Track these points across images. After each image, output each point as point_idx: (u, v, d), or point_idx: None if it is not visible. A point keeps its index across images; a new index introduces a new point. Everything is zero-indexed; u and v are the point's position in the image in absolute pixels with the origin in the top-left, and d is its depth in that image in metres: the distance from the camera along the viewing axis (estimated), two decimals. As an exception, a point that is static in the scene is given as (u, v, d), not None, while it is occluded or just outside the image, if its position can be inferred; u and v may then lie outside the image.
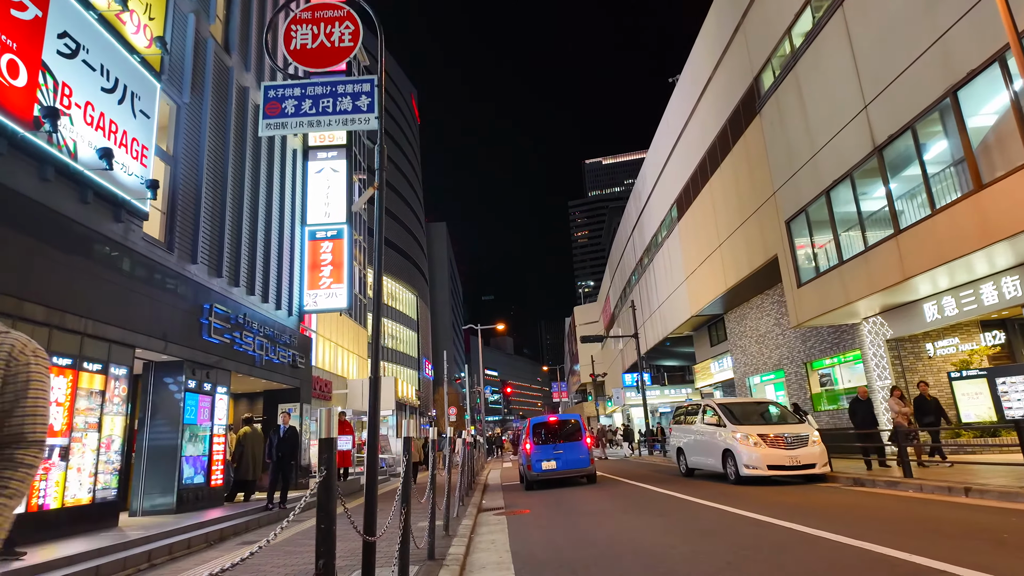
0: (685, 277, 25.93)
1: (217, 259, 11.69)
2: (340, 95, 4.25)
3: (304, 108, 4.23)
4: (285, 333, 14.26)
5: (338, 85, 4.27)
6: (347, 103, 4.24)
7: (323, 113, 4.24)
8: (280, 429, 10.84)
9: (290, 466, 10.83)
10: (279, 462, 10.69)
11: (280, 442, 10.79)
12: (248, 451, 11.59)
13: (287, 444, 10.83)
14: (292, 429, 11.03)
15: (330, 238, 16.37)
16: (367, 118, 4.28)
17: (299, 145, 16.66)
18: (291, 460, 10.83)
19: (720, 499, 9.22)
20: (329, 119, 4.24)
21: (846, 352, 17.32)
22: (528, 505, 10.55)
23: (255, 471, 11.57)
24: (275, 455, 10.69)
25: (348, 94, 4.26)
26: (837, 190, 14.19)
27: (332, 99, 4.24)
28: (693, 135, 23.93)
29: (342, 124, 4.26)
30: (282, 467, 10.74)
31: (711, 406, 12.96)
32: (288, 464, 10.79)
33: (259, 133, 4.26)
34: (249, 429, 11.95)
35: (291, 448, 10.86)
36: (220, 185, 12.03)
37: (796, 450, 11.15)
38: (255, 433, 11.86)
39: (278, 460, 10.67)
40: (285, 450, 10.78)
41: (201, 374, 10.54)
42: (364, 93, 4.28)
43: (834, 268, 14.40)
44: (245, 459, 11.55)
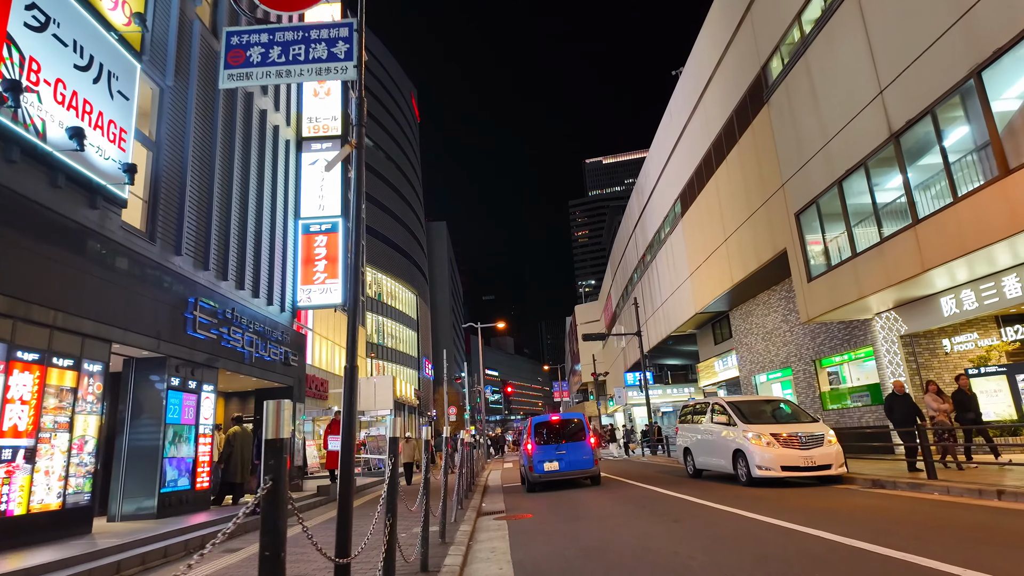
0: (689, 273, 25.40)
1: (204, 251, 11.16)
2: (313, 41, 3.70)
3: (272, 56, 3.69)
4: (277, 329, 13.73)
5: (311, 30, 3.71)
6: (322, 50, 3.70)
7: (294, 62, 3.69)
8: None
9: None
10: None
11: None
12: (237, 452, 11.06)
13: None
14: None
15: (324, 232, 15.84)
16: (345, 67, 3.76)
17: (292, 136, 16.13)
18: None
19: (734, 502, 8.68)
20: (301, 68, 3.70)
21: (857, 349, 16.79)
22: (530, 509, 10.02)
23: (243, 473, 11.04)
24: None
25: (323, 40, 3.71)
26: (850, 180, 13.65)
27: (304, 45, 3.69)
28: (698, 128, 23.40)
29: (316, 74, 3.72)
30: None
31: (720, 404, 12.43)
32: None
33: (220, 85, 3.73)
34: (238, 429, 11.42)
35: None
36: (207, 174, 11.50)
37: (811, 450, 10.62)
38: (244, 433, 11.33)
39: (267, 462, 10.13)
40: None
41: (186, 371, 10.01)
42: (341, 39, 3.75)
43: (847, 261, 13.86)
44: (233, 460, 11.02)
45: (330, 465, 14.70)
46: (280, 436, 2.09)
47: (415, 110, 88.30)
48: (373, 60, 67.90)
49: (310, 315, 25.54)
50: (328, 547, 4.06)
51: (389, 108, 70.11)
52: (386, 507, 3.75)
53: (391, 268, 60.06)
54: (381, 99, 67.56)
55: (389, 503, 3.80)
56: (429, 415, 52.78)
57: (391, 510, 3.81)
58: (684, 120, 25.02)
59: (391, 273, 59.41)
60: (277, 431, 2.09)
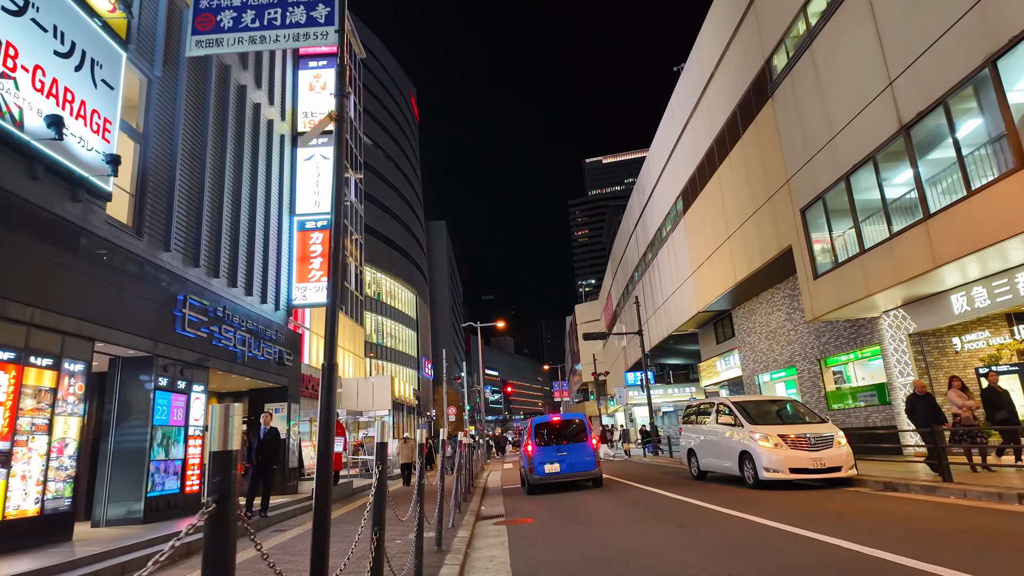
0: (691, 272, 25.07)
1: (194, 247, 10.83)
2: (291, 4, 3.38)
3: (245, 21, 3.35)
4: (271, 328, 13.41)
5: (288, -10, 3.41)
6: (300, 14, 3.36)
7: (269, 27, 3.36)
8: (261, 430, 10.00)
9: (272, 471, 9.99)
10: (259, 466, 9.85)
11: (260, 445, 9.95)
12: None
13: (268, 447, 9.99)
14: (274, 431, 10.19)
15: (320, 229, 15.52)
16: (325, 32, 3.44)
17: (287, 131, 15.81)
18: (272, 464, 9.98)
19: (741, 506, 8.36)
20: (277, 34, 3.37)
21: (863, 348, 16.47)
22: (531, 512, 9.70)
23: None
24: (255, 459, 9.85)
25: (301, 3, 3.39)
26: (858, 175, 13.32)
27: (281, 9, 3.36)
28: (700, 123, 23.07)
29: (293, 40, 3.39)
30: (263, 472, 9.90)
31: (726, 404, 12.11)
32: (269, 469, 9.95)
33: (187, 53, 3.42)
34: None
35: (272, 451, 10.02)
36: (198, 168, 11.17)
37: (820, 452, 10.30)
38: None
39: (258, 464, 9.83)
40: (266, 454, 9.94)
41: (174, 371, 9.69)
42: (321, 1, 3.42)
43: (854, 258, 13.54)
44: None
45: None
46: (228, 448, 1.73)
47: (414, 109, 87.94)
48: (372, 59, 67.55)
49: (307, 314, 25.22)
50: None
51: (388, 107, 69.76)
52: (372, 520, 3.42)
53: (390, 267, 59.73)
54: (380, 98, 67.23)
55: (376, 515, 3.47)
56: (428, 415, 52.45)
57: (378, 523, 3.48)
58: (686, 116, 24.69)
59: (390, 272, 59.08)
60: (224, 442, 1.72)
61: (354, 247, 36.68)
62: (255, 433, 9.99)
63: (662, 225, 29.67)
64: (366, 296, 50.74)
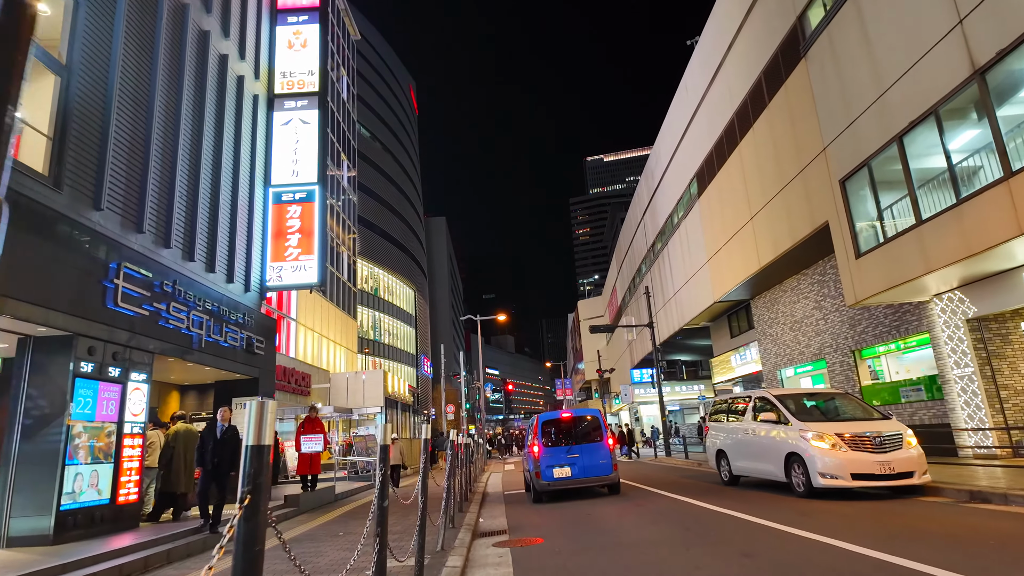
0: (707, 259, 23.30)
1: (136, 209, 9.08)
2: None
3: None
4: (238, 311, 11.65)
5: None
6: None
7: None
8: (218, 428, 8.26)
9: (227, 475, 8.24)
10: (215, 470, 8.11)
11: (217, 445, 8.20)
12: (180, 455, 9.01)
13: (226, 448, 8.25)
14: (233, 429, 8.45)
15: (298, 201, 13.78)
16: None
17: (262, 91, 14.05)
18: (229, 468, 8.24)
19: (811, 525, 6.60)
20: None
21: (907, 336, 14.70)
22: (539, 528, 7.94)
23: (188, 481, 8.98)
24: (210, 461, 8.11)
25: None
26: (914, 134, 11.55)
27: None
28: (718, 97, 21.29)
29: None
30: (217, 476, 8.15)
31: (767, 398, 10.34)
32: (225, 473, 8.21)
33: None
34: (182, 427, 9.36)
35: (231, 453, 8.27)
36: (142, 117, 9.42)
37: (888, 454, 8.53)
38: (189, 433, 9.26)
39: (214, 468, 8.09)
40: (223, 455, 8.20)
41: (104, 354, 7.93)
42: None
43: (909, 230, 11.76)
44: (175, 466, 8.96)
45: (302, 470, 12.61)
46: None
47: (413, 103, 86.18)
48: (369, 48, 65.87)
49: (293, 304, 23.52)
50: None
51: (386, 98, 68.00)
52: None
53: (388, 262, 57.97)
54: (377, 88, 65.50)
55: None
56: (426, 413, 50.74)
57: None
58: (701, 92, 22.91)
59: (388, 267, 57.32)
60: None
61: (345, 233, 34.87)
62: (210, 431, 8.25)
63: (673, 211, 27.90)
64: (362, 291, 48.99)
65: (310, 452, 12.58)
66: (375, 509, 3.37)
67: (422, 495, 4.97)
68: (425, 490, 5.03)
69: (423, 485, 4.99)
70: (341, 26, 38.43)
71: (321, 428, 12.96)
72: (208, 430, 8.34)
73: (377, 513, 3.35)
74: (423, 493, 4.95)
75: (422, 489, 4.98)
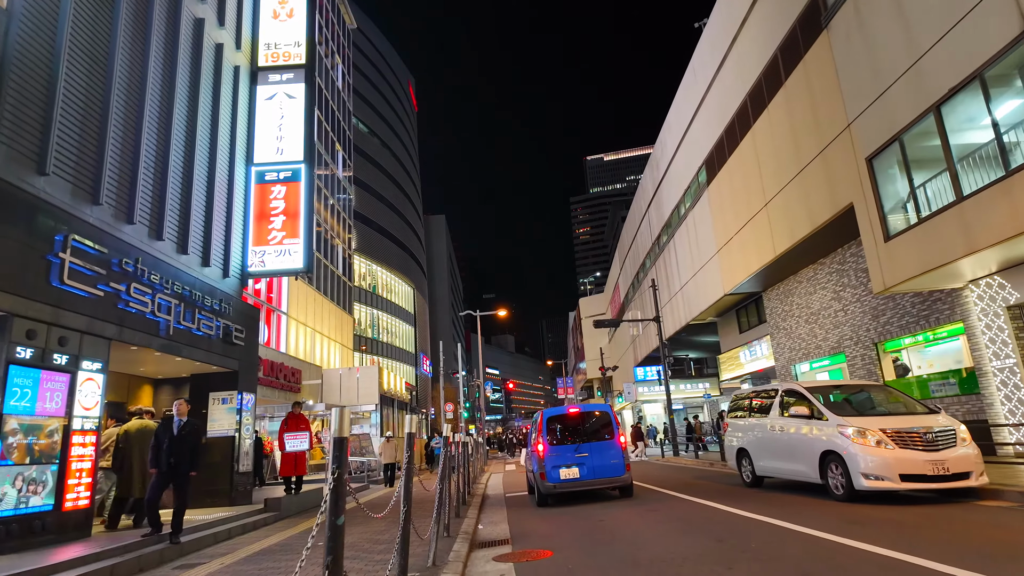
0: (716, 250, 22.28)
1: (91, 178, 8.08)
2: None
3: None
4: (214, 297, 10.65)
5: None
6: None
7: None
8: (174, 424, 7.26)
9: (187, 477, 7.24)
10: (171, 471, 7.11)
11: (174, 443, 7.20)
12: (135, 456, 8.01)
13: (185, 445, 7.25)
14: (192, 425, 7.45)
15: (283, 181, 12.78)
16: None
17: (244, 63, 13.04)
18: (189, 469, 7.24)
19: (863, 534, 5.59)
20: None
21: (937, 327, 13.69)
22: (547, 537, 6.94)
23: (142, 484, 7.98)
24: (165, 462, 7.11)
25: None
26: (954, 102, 10.55)
27: None
28: (729, 78, 20.29)
29: None
30: (175, 479, 7.15)
31: (799, 391, 9.33)
32: (184, 474, 7.21)
33: None
34: (137, 425, 8.35)
35: (190, 451, 7.27)
36: (100, 77, 8.42)
37: (941, 452, 7.53)
38: (145, 431, 8.25)
39: (170, 469, 7.09)
40: (182, 454, 7.19)
41: (47, 339, 6.93)
42: None
43: (948, 208, 10.75)
44: (128, 467, 7.97)
45: (286, 471, 11.61)
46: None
47: (413, 99, 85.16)
48: (368, 44, 64.92)
49: (284, 296, 22.50)
50: None
51: (384, 94, 66.99)
52: None
53: (387, 259, 56.95)
54: (376, 84, 64.53)
55: None
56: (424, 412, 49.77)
57: None
58: (710, 75, 21.90)
59: (387, 264, 56.31)
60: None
61: (340, 226, 33.83)
62: (164, 427, 7.25)
63: (680, 202, 26.89)
64: (360, 288, 48.01)
65: (295, 451, 11.58)
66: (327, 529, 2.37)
67: (404, 502, 3.96)
68: (409, 496, 4.03)
69: (406, 490, 3.98)
70: (336, 12, 37.43)
71: (306, 425, 11.95)
72: (163, 427, 7.34)
73: (328, 534, 2.35)
74: (406, 500, 3.95)
75: (404, 495, 3.98)
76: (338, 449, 2.47)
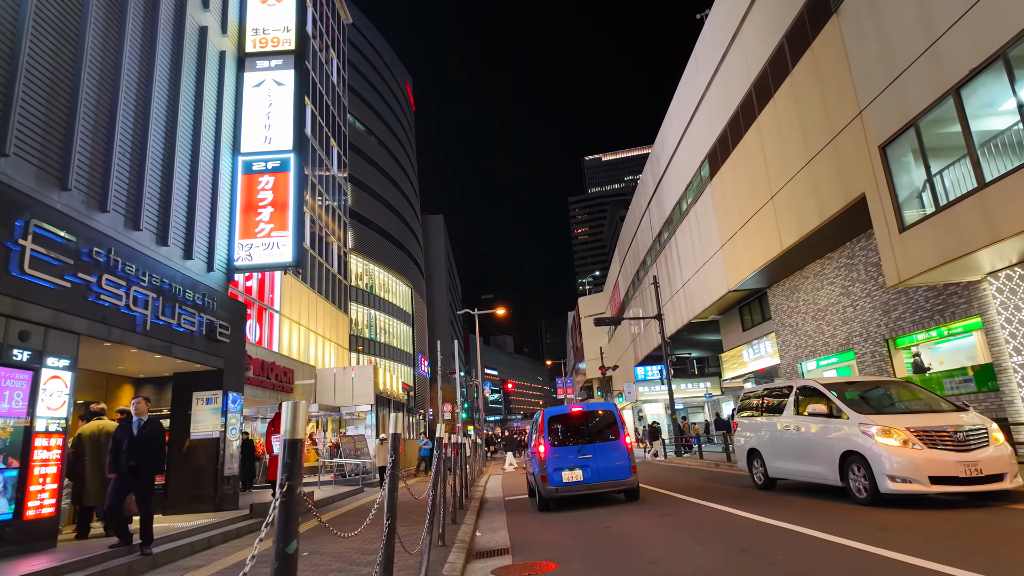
0: (720, 245, 21.77)
1: (59, 161, 7.53)
2: None
3: None
4: (196, 291, 10.09)
5: None
6: None
7: None
8: (134, 424, 6.70)
9: (151, 481, 6.69)
10: (132, 475, 6.56)
11: (134, 444, 6.64)
12: (91, 460, 7.44)
13: (148, 446, 6.69)
14: (154, 423, 6.90)
15: (271, 171, 12.23)
16: None
17: (230, 48, 12.49)
18: (154, 471, 6.69)
19: (900, 544, 5.07)
20: None
21: (952, 322, 13.17)
22: (550, 547, 6.40)
23: (97, 491, 7.42)
24: (125, 464, 6.56)
25: None
26: (975, 85, 10.04)
27: None
28: (733, 69, 19.78)
29: None
30: (139, 483, 6.60)
31: (816, 388, 8.81)
32: (148, 478, 6.66)
33: None
34: (94, 428, 7.77)
35: (154, 452, 6.73)
36: (70, 52, 7.88)
37: (973, 453, 7.01)
38: (101, 433, 7.69)
39: (131, 472, 6.54)
40: (145, 455, 6.64)
41: (5, 333, 6.38)
42: None
43: (969, 195, 10.24)
44: (82, 472, 7.40)
45: (273, 474, 11.04)
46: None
47: (410, 98, 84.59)
48: (365, 43, 64.38)
49: (277, 294, 21.92)
50: None
51: (381, 92, 66.44)
52: None
53: (384, 259, 56.39)
54: (373, 82, 63.96)
55: None
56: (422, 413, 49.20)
57: None
58: (713, 66, 21.39)
59: (384, 264, 55.73)
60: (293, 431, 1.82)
61: (335, 223, 33.25)
62: (123, 427, 6.70)
63: (682, 197, 26.38)
64: (357, 288, 47.45)
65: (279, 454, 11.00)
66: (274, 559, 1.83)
67: (388, 513, 3.42)
68: (393, 506, 3.49)
69: (390, 499, 3.44)
70: (331, 6, 36.86)
71: (295, 426, 11.36)
72: (121, 427, 6.78)
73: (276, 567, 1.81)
74: (389, 510, 3.41)
75: (388, 505, 3.44)
76: (290, 455, 1.94)
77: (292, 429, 1.93)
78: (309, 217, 27.47)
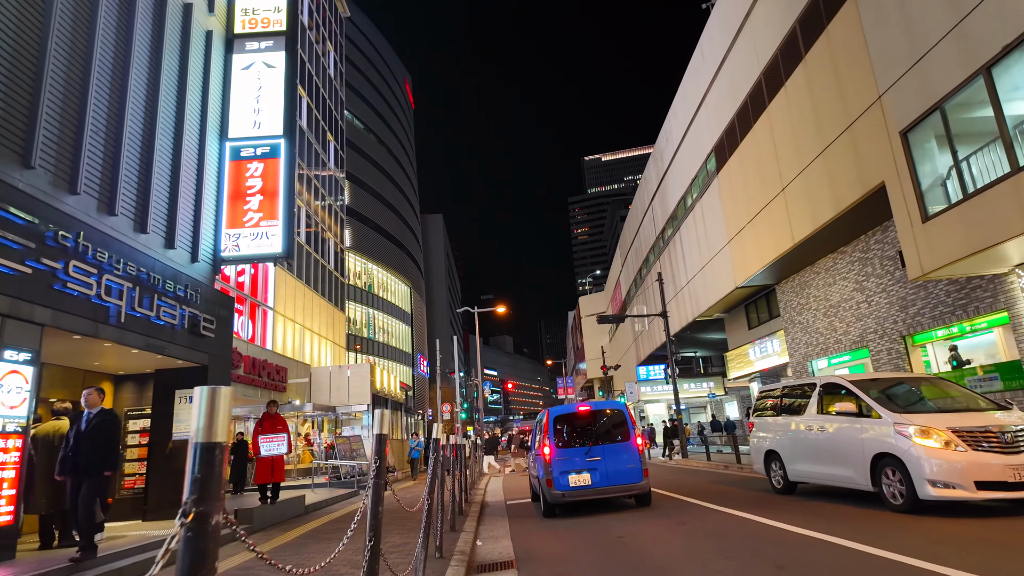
0: (727, 241, 21.15)
1: (20, 137, 6.91)
2: None
3: None
4: (178, 282, 9.45)
5: None
6: None
7: None
8: (84, 417, 6.08)
9: (101, 477, 6.07)
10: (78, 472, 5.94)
11: (81, 439, 6.01)
12: (41, 464, 6.80)
13: (96, 440, 6.07)
14: (105, 413, 6.28)
15: (260, 157, 11.61)
16: None
17: (218, 29, 11.87)
18: (103, 467, 6.07)
19: (955, 559, 4.45)
20: None
21: (975, 317, 12.55)
22: (558, 560, 5.77)
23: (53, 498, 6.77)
24: (69, 463, 5.94)
25: None
26: (1008, 63, 9.42)
27: None
28: (741, 58, 19.16)
29: None
30: (85, 481, 5.97)
31: (843, 385, 8.18)
32: (98, 474, 6.04)
33: None
34: (49, 427, 7.11)
35: (104, 445, 6.10)
36: (35, 21, 7.25)
37: (1023, 455, 6.37)
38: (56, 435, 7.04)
39: (76, 469, 5.92)
40: (92, 451, 6.02)
41: (-44, 323, 5.75)
42: None
43: (1001, 181, 9.62)
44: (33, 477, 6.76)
45: (261, 478, 10.41)
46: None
47: (409, 97, 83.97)
48: (365, 41, 63.79)
49: (270, 290, 21.28)
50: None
51: (380, 90, 65.80)
52: None
53: (383, 257, 55.74)
54: (372, 80, 63.33)
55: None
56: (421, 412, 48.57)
57: None
58: (720, 55, 20.78)
59: (383, 263, 55.09)
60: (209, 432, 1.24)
61: (331, 219, 32.61)
62: (73, 424, 6.08)
63: (687, 192, 25.76)
64: (355, 286, 46.82)
65: (271, 455, 10.38)
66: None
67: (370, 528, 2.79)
68: (377, 519, 2.86)
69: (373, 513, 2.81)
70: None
71: (284, 426, 10.75)
72: (74, 424, 6.16)
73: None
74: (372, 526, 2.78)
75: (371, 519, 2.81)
76: (203, 466, 1.31)
77: (208, 428, 1.29)
78: (304, 212, 26.82)
